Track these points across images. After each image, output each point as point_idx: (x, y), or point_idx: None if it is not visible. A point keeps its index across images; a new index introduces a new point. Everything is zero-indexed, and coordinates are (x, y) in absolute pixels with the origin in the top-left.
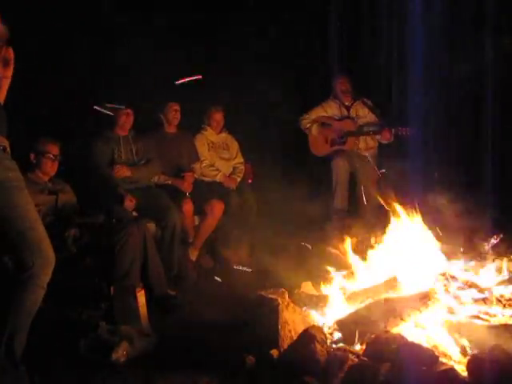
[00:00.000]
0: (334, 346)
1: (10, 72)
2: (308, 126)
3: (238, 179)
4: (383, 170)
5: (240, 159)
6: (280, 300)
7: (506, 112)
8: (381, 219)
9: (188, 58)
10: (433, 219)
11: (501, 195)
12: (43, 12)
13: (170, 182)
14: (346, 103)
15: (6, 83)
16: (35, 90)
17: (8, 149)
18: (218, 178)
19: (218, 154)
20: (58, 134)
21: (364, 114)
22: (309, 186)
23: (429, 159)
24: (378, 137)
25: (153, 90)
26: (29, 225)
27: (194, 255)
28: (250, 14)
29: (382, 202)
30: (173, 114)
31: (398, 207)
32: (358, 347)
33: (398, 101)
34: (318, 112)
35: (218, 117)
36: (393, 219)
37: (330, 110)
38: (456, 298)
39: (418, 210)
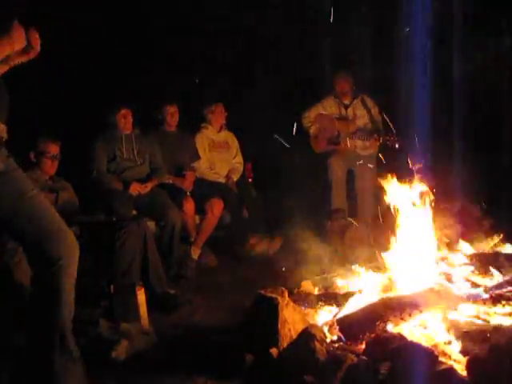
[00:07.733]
0: (333, 345)
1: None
2: (308, 125)
3: (235, 179)
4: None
5: (239, 159)
6: (279, 299)
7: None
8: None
9: None
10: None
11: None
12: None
13: (170, 181)
14: (345, 102)
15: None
16: (35, 89)
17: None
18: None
19: (218, 155)
20: (59, 134)
21: (362, 113)
22: (309, 185)
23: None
24: (368, 143)
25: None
26: (43, 214)
27: (195, 254)
28: None
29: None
30: (169, 117)
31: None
32: (357, 346)
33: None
34: (318, 110)
35: (219, 111)
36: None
37: (329, 107)
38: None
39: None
